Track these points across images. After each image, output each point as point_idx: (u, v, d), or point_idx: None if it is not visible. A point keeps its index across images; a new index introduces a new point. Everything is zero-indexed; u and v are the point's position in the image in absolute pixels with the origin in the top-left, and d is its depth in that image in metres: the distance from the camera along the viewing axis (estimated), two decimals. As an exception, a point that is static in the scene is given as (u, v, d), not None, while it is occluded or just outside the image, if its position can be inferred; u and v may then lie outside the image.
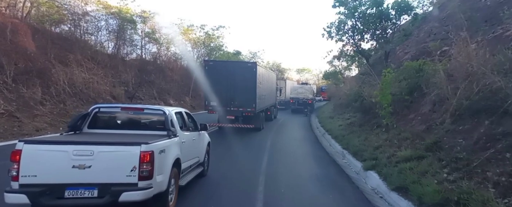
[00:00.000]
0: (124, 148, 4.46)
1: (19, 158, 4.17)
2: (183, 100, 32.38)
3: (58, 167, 4.25)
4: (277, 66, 63.50)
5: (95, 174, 4.28)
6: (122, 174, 4.33)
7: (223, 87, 15.33)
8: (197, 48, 37.36)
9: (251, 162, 9.81)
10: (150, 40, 30.84)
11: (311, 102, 32.02)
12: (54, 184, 4.23)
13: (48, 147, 4.39)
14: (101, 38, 24.51)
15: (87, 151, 4.29)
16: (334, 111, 24.57)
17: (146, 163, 4.37)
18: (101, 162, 4.31)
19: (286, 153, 12.00)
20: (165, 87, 30.73)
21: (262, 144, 13.40)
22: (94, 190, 4.28)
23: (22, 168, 4.15)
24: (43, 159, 4.25)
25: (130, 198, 4.31)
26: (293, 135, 17.66)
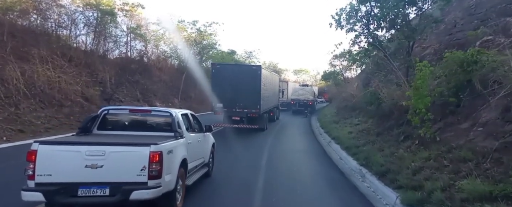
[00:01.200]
0: (134, 149, 4.59)
1: (35, 158, 4.32)
2: (171, 102, 29.45)
3: (72, 167, 4.39)
4: (274, 66, 60.80)
5: (107, 174, 4.41)
6: (132, 174, 4.46)
7: (229, 89, 15.71)
8: (188, 46, 34.44)
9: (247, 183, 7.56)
10: (136, 36, 27.89)
11: (312, 103, 31.75)
12: (68, 183, 4.37)
13: (62, 147, 4.54)
14: (77, 32, 21.51)
15: (99, 151, 4.43)
16: (338, 115, 21.77)
17: (155, 163, 4.51)
18: (113, 162, 4.44)
19: (289, 173, 9.15)
20: (151, 88, 27.80)
21: (258, 159, 10.59)
22: (106, 188, 4.40)
23: (38, 167, 4.31)
24: (57, 159, 4.40)
25: (140, 197, 4.43)
26: (295, 145, 14.83)
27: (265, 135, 16.99)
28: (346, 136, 13.42)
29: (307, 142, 15.84)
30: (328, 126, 18.81)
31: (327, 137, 16.05)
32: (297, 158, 11.27)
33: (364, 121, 15.71)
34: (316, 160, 11.17)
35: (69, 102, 17.01)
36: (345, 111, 21.05)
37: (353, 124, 16.46)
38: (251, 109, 16.15)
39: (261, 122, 17.08)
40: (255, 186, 7.11)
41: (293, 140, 16.47)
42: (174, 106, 29.99)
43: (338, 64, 40.41)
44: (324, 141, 15.40)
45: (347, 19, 12.31)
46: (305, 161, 11.00)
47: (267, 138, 15.69)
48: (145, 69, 28.64)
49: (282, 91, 27.60)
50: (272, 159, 10.72)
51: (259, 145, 13.62)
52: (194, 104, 33.23)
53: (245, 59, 50.82)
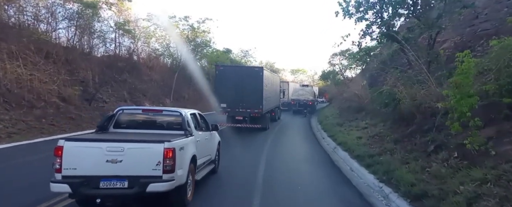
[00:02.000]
0: (150, 145, 4.89)
1: (61, 153, 4.66)
2: (162, 103, 27.50)
3: (94, 161, 4.72)
4: (271, 66, 58.96)
5: (125, 168, 4.73)
6: (148, 168, 4.78)
7: (232, 89, 16.12)
8: (181, 43, 32.47)
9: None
10: (124, 32, 25.90)
11: (312, 103, 31.64)
12: (90, 176, 4.69)
13: (86, 144, 4.90)
14: (56, 26, 19.49)
15: (118, 147, 4.75)
16: (342, 116, 19.94)
17: (169, 159, 4.82)
18: (131, 157, 4.75)
19: (293, 190, 7.28)
20: (140, 87, 25.84)
21: (256, 170, 8.72)
22: (124, 181, 4.71)
23: (64, 162, 4.66)
24: (81, 154, 4.73)
25: (156, 189, 4.74)
26: (297, 152, 12.98)
27: (266, 137, 15.86)
28: (355, 142, 11.58)
29: (310, 147, 13.99)
30: (331, 129, 16.97)
31: (331, 142, 14.22)
32: (301, 169, 9.39)
33: (373, 124, 13.87)
34: (323, 171, 9.29)
35: (42, 103, 15.05)
36: (349, 113, 19.23)
37: (360, 127, 14.63)
38: (254, 109, 16.48)
39: (263, 122, 17.32)
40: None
41: (295, 145, 14.62)
42: (165, 106, 28.06)
43: (337, 63, 38.66)
44: (329, 146, 13.56)
45: (356, 6, 10.46)
46: (310, 173, 9.13)
47: (267, 140, 14.03)
48: (133, 67, 26.71)
49: (283, 92, 27.52)
50: (273, 172, 8.85)
51: (260, 148, 12.37)
52: (188, 104, 31.28)
53: (241, 58, 49.03)
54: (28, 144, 11.24)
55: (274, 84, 21.18)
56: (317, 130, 19.54)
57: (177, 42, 31.26)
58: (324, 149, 13.41)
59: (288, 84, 34.90)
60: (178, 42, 31.23)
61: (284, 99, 29.16)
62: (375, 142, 10.61)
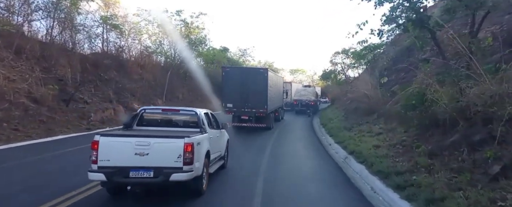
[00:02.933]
0: (172, 140, 5.45)
1: (97, 147, 5.23)
2: (153, 103, 25.33)
3: (125, 154, 5.27)
4: (270, 65, 56.84)
5: (151, 160, 5.27)
6: (171, 160, 5.32)
7: (238, 90, 16.43)
8: (174, 40, 30.31)
9: None
10: (111, 27, 23.75)
11: (314, 103, 31.40)
12: (122, 167, 5.25)
13: (118, 139, 5.53)
14: (29, 17, 17.33)
15: (145, 142, 5.31)
16: (348, 119, 17.84)
17: (188, 152, 5.35)
18: (156, 151, 5.30)
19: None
20: (129, 87, 23.67)
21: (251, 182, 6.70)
22: (150, 171, 5.26)
23: (100, 154, 5.22)
24: (114, 148, 5.31)
25: (178, 178, 5.30)
26: (303, 162, 10.85)
27: (268, 140, 14.70)
28: (373, 153, 9.46)
29: (316, 156, 11.89)
30: (338, 133, 14.88)
31: (340, 149, 12.14)
32: (308, 190, 7.26)
33: (389, 129, 11.79)
34: (339, 194, 7.17)
35: (6, 104, 12.90)
36: (357, 115, 17.15)
37: (373, 132, 12.54)
38: (259, 109, 16.66)
39: (268, 121, 17.49)
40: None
41: (299, 154, 12.48)
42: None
43: (339, 62, 36.59)
44: (338, 155, 11.46)
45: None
46: (320, 194, 7.01)
47: (267, 145, 11.91)
48: (122, 65, 24.56)
49: (286, 92, 27.53)
50: (273, 195, 6.75)
51: (260, 156, 10.44)
52: (182, 106, 29.18)
53: (238, 57, 47.02)
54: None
55: (277, 85, 21.33)
56: (322, 134, 17.45)
57: (170, 38, 29.10)
58: (332, 158, 11.30)
59: (291, 84, 34.76)
60: (171, 39, 29.08)
61: (287, 100, 29.05)
62: (400, 153, 8.50)
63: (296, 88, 34.73)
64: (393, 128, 11.55)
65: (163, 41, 29.30)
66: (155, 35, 29.03)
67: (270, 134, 17.05)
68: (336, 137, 14.48)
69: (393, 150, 9.02)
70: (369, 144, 10.82)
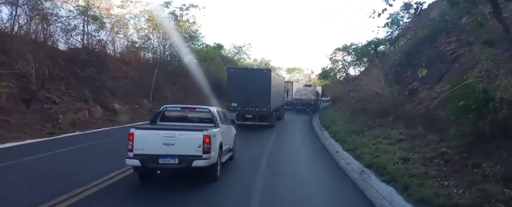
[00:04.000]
0: (193, 133, 6.40)
1: (133, 138, 6.15)
2: (138, 103, 22.80)
3: (155, 144, 6.18)
4: (266, 64, 54.41)
5: (177, 149, 6.19)
6: (192, 149, 6.23)
7: (242, 90, 16.74)
8: (164, 36, 27.76)
9: None
10: (89, 19, 21.17)
11: (314, 103, 31.62)
12: (152, 155, 6.15)
13: (149, 131, 6.45)
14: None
15: (171, 134, 6.26)
16: (356, 121, 15.41)
17: (206, 143, 6.25)
18: (180, 141, 6.22)
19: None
20: (110, 85, 21.10)
21: None
22: (176, 159, 6.19)
23: (135, 144, 6.15)
24: (146, 139, 6.23)
25: (198, 165, 6.23)
26: (306, 175, 8.39)
27: (266, 145, 11.84)
28: (402, 169, 7.02)
29: (324, 169, 9.41)
30: (347, 139, 12.47)
31: (352, 159, 9.74)
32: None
33: (413, 135, 9.39)
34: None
35: None
36: (366, 116, 14.75)
37: (392, 138, 10.12)
38: (262, 108, 17.00)
39: (270, 120, 17.80)
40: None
41: (302, 165, 10.03)
42: (142, 109, 23.45)
43: (340, 59, 34.23)
44: (350, 167, 9.03)
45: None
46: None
47: (264, 152, 9.45)
48: (103, 61, 21.95)
49: (286, 91, 27.95)
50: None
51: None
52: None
53: (233, 55, 44.55)
54: None
55: (279, 85, 21.62)
56: (325, 138, 15.04)
57: (157, 33, 26.56)
58: (344, 171, 8.86)
59: (292, 84, 35.12)
60: (159, 33, 26.55)
61: (287, 99, 29.44)
62: (446, 173, 6.09)
63: (297, 87, 35.08)
64: (419, 135, 9.15)
65: (150, 35, 26.68)
66: (142, 29, 26.45)
67: (271, 135, 14.79)
68: (344, 143, 12.06)
69: (433, 167, 6.61)
70: (392, 154, 8.40)
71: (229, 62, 41.85)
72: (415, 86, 12.02)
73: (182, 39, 28.11)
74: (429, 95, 10.45)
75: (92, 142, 11.88)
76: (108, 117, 18.20)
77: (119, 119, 18.80)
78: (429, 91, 10.70)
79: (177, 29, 27.24)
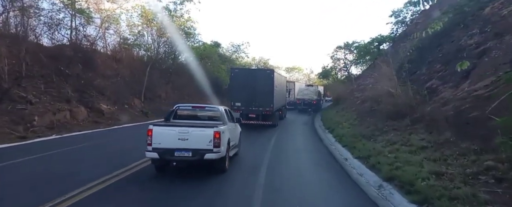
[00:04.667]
0: (205, 129, 7.06)
1: (151, 133, 6.80)
2: (128, 104, 21.22)
3: (171, 139, 6.82)
4: (264, 63, 52.83)
5: (190, 143, 6.83)
6: (204, 144, 6.87)
7: (246, 90, 17.05)
8: (158, 33, 26.17)
9: None
10: (77, 13, 19.57)
11: (316, 102, 31.66)
12: (169, 148, 6.81)
13: (166, 128, 7.14)
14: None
15: (186, 130, 6.93)
16: (364, 124, 13.86)
17: (217, 138, 6.91)
18: (193, 137, 6.87)
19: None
20: (97, 84, 19.53)
21: None
22: (189, 152, 6.83)
23: (153, 139, 6.79)
24: (163, 134, 6.89)
25: (210, 157, 6.87)
26: (315, 192, 6.85)
27: (264, 154, 9.77)
28: (437, 188, 5.48)
29: (334, 183, 7.85)
30: (355, 144, 10.92)
31: (365, 170, 8.23)
32: None
33: (440, 143, 7.84)
34: None
35: None
36: (376, 119, 13.21)
37: (414, 145, 8.56)
38: (266, 108, 17.15)
39: (273, 119, 17.94)
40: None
41: (308, 176, 8.46)
42: (133, 110, 21.86)
43: (342, 58, 32.69)
44: (365, 180, 7.45)
45: None
46: None
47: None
48: (91, 59, 20.35)
49: (289, 91, 28.18)
50: None
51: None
52: (164, 107, 25.06)
53: (231, 53, 42.96)
54: None
55: (281, 85, 21.80)
56: (330, 143, 13.49)
57: (151, 29, 24.99)
58: (359, 185, 7.29)
59: (294, 84, 35.26)
60: (152, 30, 24.97)
61: (289, 98, 29.52)
62: (506, 198, 4.54)
63: (299, 87, 35.20)
64: (448, 142, 7.61)
65: (144, 32, 25.09)
66: (135, 25, 24.86)
67: (272, 137, 13.18)
68: (354, 150, 10.51)
69: (480, 187, 5.05)
70: (418, 166, 6.86)
71: (226, 60, 40.30)
72: (434, 85, 10.50)
73: (177, 36, 26.52)
74: (454, 94, 8.92)
75: (66, 147, 10.29)
76: (93, 119, 16.62)
77: (106, 120, 17.25)
78: (453, 90, 9.18)
79: (172, 25, 25.66)
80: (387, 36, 25.51)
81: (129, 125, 17.56)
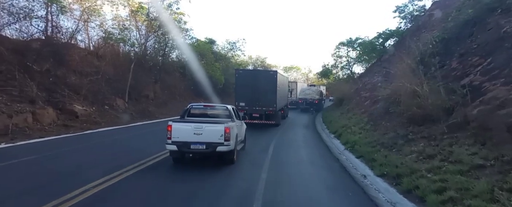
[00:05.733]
0: (216, 125, 7.87)
1: (171, 129, 7.68)
2: (109, 104, 18.79)
3: (187, 133, 7.69)
4: (262, 61, 50.51)
5: (204, 137, 7.69)
6: (216, 138, 7.71)
7: (250, 90, 17.43)
8: (147, 28, 23.72)
9: None
10: (49, 2, 17.09)
11: (318, 102, 31.84)
12: (186, 141, 7.68)
13: (183, 124, 8.00)
14: None
15: (200, 126, 7.78)
16: (378, 128, 11.52)
17: (227, 133, 7.73)
18: (207, 132, 7.71)
19: None
20: (72, 82, 17.08)
21: None
22: (203, 145, 7.70)
23: (172, 133, 7.67)
24: (181, 129, 7.75)
25: (221, 150, 7.75)
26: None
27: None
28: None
29: None
30: (374, 155, 8.66)
31: (398, 196, 6.02)
32: None
33: (506, 160, 5.56)
34: None
35: None
36: (394, 123, 10.88)
37: (463, 163, 6.22)
38: (269, 107, 17.54)
39: (276, 118, 18.13)
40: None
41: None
42: (114, 110, 19.46)
43: (344, 55, 30.40)
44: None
45: None
46: None
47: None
48: (65, 54, 17.86)
49: (291, 91, 28.42)
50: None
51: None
52: (151, 107, 22.68)
53: (227, 51, 40.59)
54: None
55: (284, 85, 22.07)
56: (339, 151, 11.22)
57: (136, 21, 22.56)
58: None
59: (296, 84, 35.42)
60: (138, 22, 22.55)
61: (292, 98, 29.88)
62: None
63: (301, 87, 35.37)
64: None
65: (129, 25, 22.61)
66: (119, 17, 22.39)
67: (269, 150, 10.78)
68: (374, 164, 8.24)
69: None
70: (491, 203, 4.55)
71: (221, 58, 37.96)
72: (475, 81, 8.22)
73: (167, 30, 24.10)
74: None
75: (8, 161, 7.88)
76: (63, 122, 14.19)
77: (80, 123, 14.83)
78: (508, 88, 6.90)
79: (161, 18, 23.26)
80: (395, 31, 23.25)
81: (108, 129, 15.17)
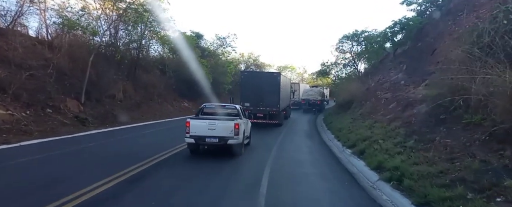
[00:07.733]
0: (227, 122, 9.26)
1: (189, 125, 9.00)
2: (55, 107, 14.36)
3: (203, 129, 9.03)
4: (254, 59, 46.36)
5: (217, 132, 9.03)
6: (227, 132, 9.04)
7: (254, 91, 18.13)
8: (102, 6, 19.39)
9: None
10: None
11: (320, 103, 32.30)
12: (201, 136, 9.01)
13: (199, 121, 9.35)
14: None
15: (214, 122, 9.15)
16: (432, 145, 7.31)
17: (236, 129, 9.08)
18: (219, 127, 9.06)
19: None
20: (6, 79, 12.72)
21: None
22: (216, 139, 9.03)
23: (190, 128, 8.99)
24: (197, 125, 9.07)
25: (231, 142, 9.09)
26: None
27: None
28: None
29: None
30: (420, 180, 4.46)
31: None
32: None
33: None
34: None
35: None
36: (454, 137, 6.72)
37: None
38: (272, 108, 18.25)
39: (279, 118, 18.91)
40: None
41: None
42: (61, 114, 15.12)
43: (347, 50, 26.35)
44: None
45: None
46: None
47: None
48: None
49: (293, 92, 28.78)
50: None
51: None
52: (118, 110, 18.28)
53: (216, 47, 36.36)
54: None
55: (286, 86, 22.44)
56: (371, 184, 7.05)
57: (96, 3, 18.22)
58: None
59: (299, 85, 35.72)
60: (101, 4, 18.21)
61: (294, 99, 30.41)
62: None
63: (304, 88, 35.74)
64: None
65: (89, 9, 18.23)
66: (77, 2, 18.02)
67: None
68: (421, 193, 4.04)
69: None
70: None
71: (210, 55, 33.75)
72: None
73: (140, 17, 19.78)
74: None
75: None
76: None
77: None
78: None
79: (131, 3, 18.95)
80: (414, 18, 19.27)
81: (42, 140, 10.90)
